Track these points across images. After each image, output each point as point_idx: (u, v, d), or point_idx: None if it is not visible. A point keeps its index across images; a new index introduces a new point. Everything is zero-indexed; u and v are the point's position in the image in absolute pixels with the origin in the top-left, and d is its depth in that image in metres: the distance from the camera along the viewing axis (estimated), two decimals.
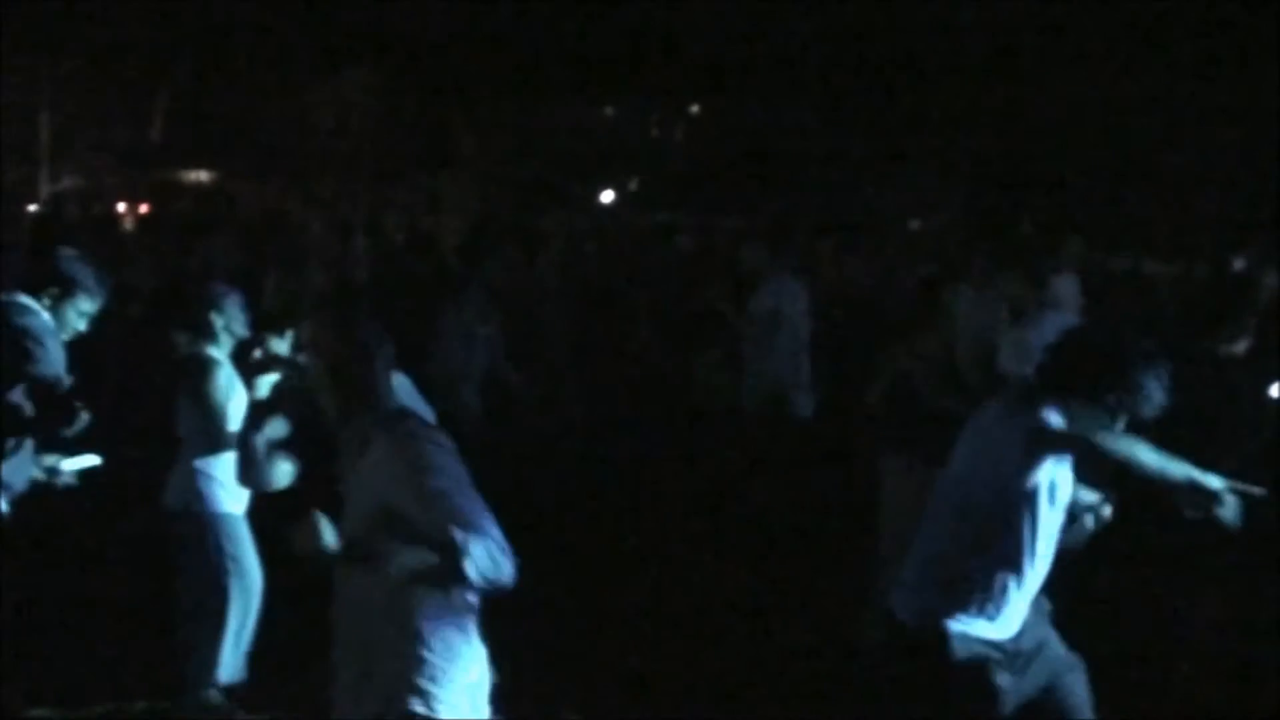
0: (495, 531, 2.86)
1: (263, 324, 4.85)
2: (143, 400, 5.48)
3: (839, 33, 21.09)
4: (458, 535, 2.82)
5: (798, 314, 7.63)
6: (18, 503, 4.49)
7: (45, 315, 4.54)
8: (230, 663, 4.77)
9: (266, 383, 4.24)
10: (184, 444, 4.78)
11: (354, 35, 22.16)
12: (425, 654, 2.97)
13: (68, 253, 4.75)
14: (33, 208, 17.25)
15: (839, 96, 21.99)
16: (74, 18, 19.64)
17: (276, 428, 3.74)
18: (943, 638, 3.42)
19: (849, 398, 6.65)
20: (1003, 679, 3.42)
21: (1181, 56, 18.44)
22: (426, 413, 3.62)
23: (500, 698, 3.13)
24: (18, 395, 4.40)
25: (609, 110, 26.99)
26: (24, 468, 4.48)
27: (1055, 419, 3.38)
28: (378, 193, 22.53)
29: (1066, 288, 7.90)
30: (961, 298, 5.49)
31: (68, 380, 4.49)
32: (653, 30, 22.22)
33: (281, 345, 4.63)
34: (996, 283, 5.35)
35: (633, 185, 25.69)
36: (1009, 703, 3.44)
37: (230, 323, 4.80)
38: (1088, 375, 3.43)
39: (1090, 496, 3.69)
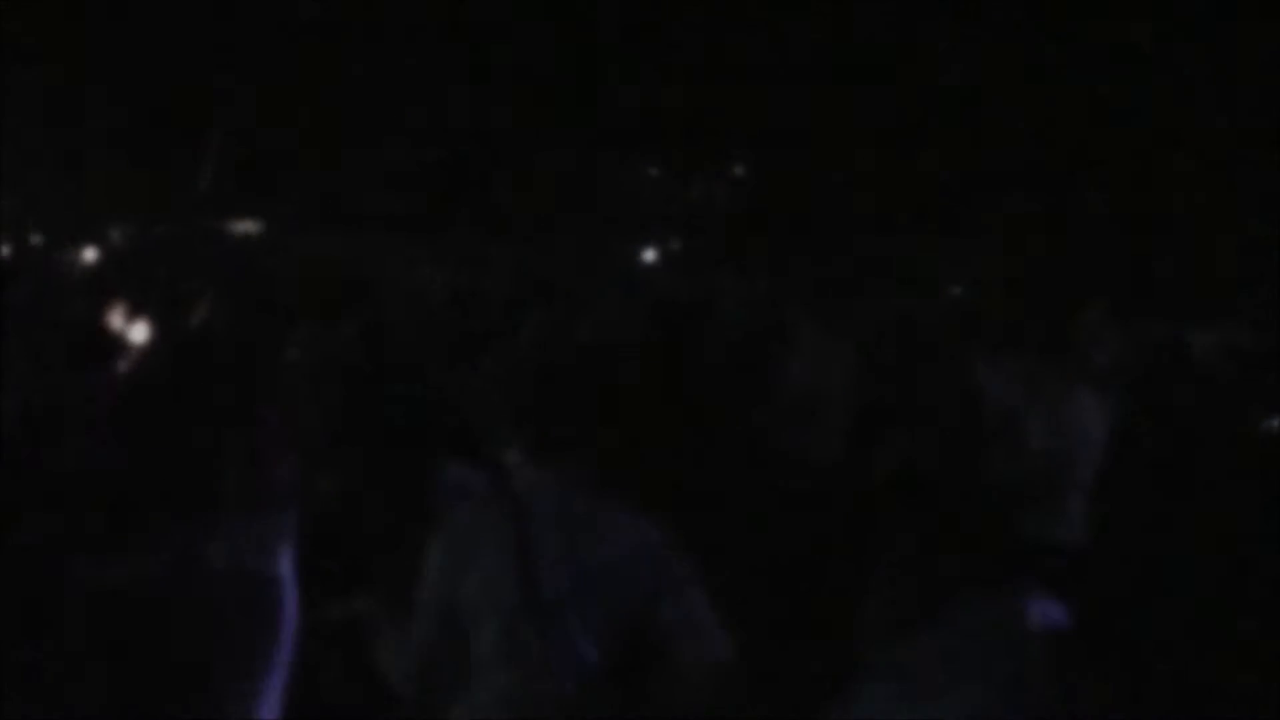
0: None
1: None
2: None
3: (884, 95, 21.15)
4: None
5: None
6: None
7: None
8: None
9: None
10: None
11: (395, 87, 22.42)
12: None
13: None
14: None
15: (881, 157, 22.02)
16: (121, 64, 20.02)
17: None
18: None
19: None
20: None
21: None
22: None
23: None
24: None
25: (654, 170, 27.14)
26: None
27: None
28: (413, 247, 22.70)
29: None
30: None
31: None
32: (698, 90, 22.35)
33: None
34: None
35: (675, 245, 25.74)
36: None
37: None
38: None
39: None
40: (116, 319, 5.17)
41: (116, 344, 4.64)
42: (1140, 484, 5.88)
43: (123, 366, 4.61)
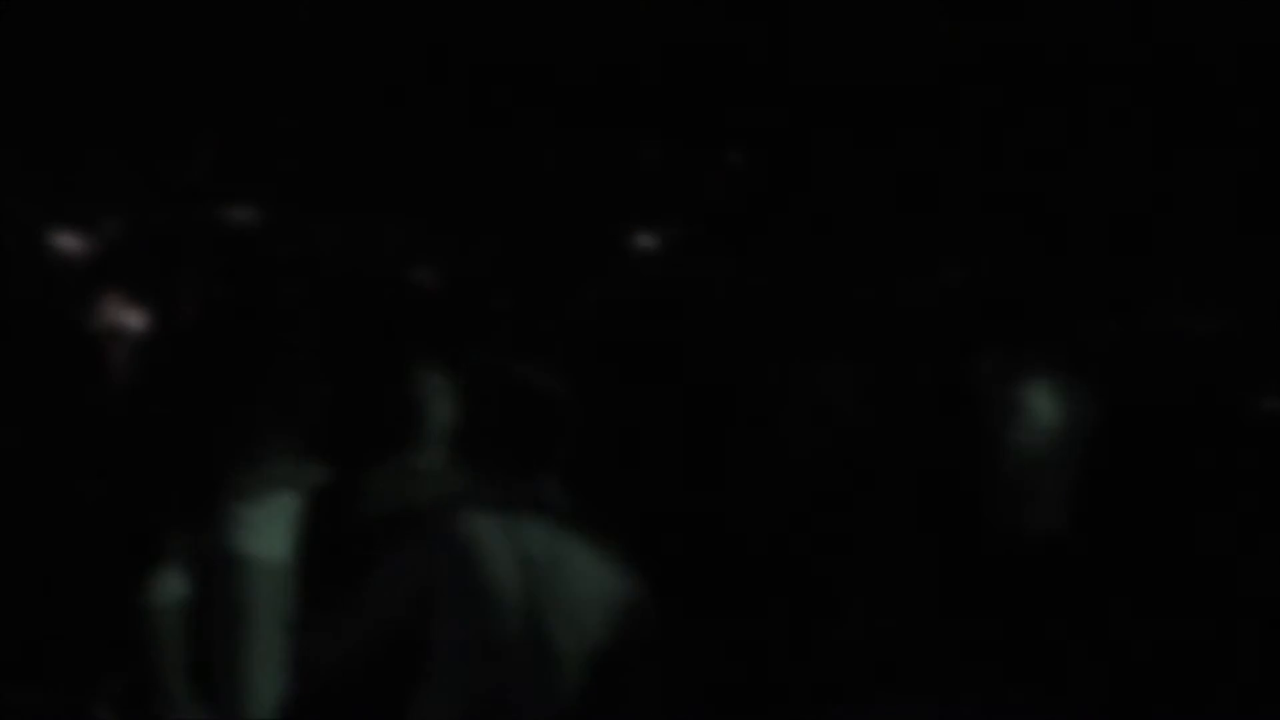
0: None
1: None
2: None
3: (882, 85, 21.08)
4: None
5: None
6: None
7: None
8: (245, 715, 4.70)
9: None
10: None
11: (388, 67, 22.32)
12: None
13: None
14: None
15: (876, 149, 21.94)
16: (116, 45, 19.91)
17: None
18: None
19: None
20: None
21: None
22: None
23: None
24: None
25: (649, 153, 26.95)
26: None
27: None
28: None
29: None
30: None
31: None
32: (692, 73, 22.27)
33: None
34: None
35: (671, 232, 25.58)
36: None
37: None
38: None
39: None
40: (112, 311, 5.17)
41: (113, 337, 4.64)
42: (1131, 478, 5.87)
43: (120, 360, 4.62)
